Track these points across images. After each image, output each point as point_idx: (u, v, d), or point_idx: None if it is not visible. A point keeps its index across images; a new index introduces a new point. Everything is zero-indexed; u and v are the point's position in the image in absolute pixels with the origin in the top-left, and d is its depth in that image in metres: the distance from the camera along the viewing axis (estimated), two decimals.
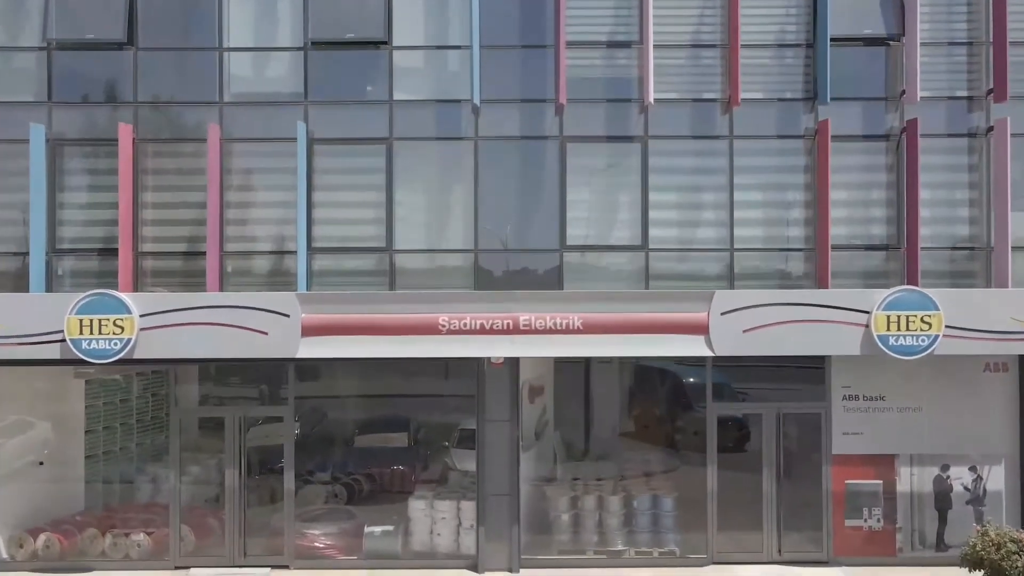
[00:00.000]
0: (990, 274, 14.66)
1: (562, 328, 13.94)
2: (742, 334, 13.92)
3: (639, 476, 15.45)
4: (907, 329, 13.75)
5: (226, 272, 14.75)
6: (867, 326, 13.82)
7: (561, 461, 15.67)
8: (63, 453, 15.64)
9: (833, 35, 14.49)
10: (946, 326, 13.75)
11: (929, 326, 13.74)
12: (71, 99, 14.91)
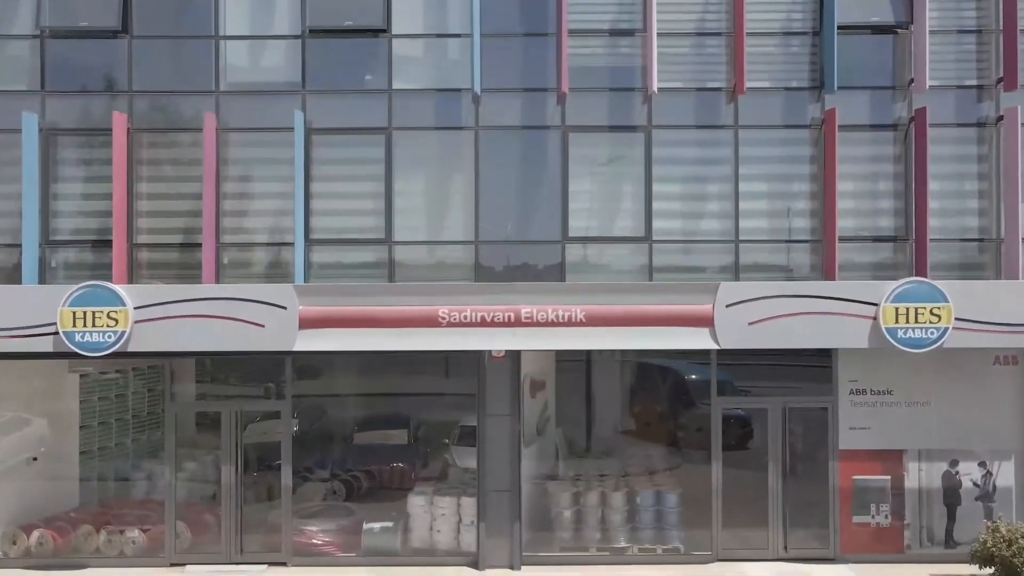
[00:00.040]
0: (1000, 266, 14.44)
1: (564, 321, 13.71)
2: (747, 327, 13.69)
3: (642, 473, 15.23)
4: (916, 321, 13.52)
5: (222, 264, 14.55)
6: (875, 318, 13.59)
7: (563, 458, 15.45)
8: (58, 449, 15.45)
9: (840, 23, 14.27)
10: (955, 318, 13.52)
11: (938, 318, 13.51)
12: (65, 88, 14.69)
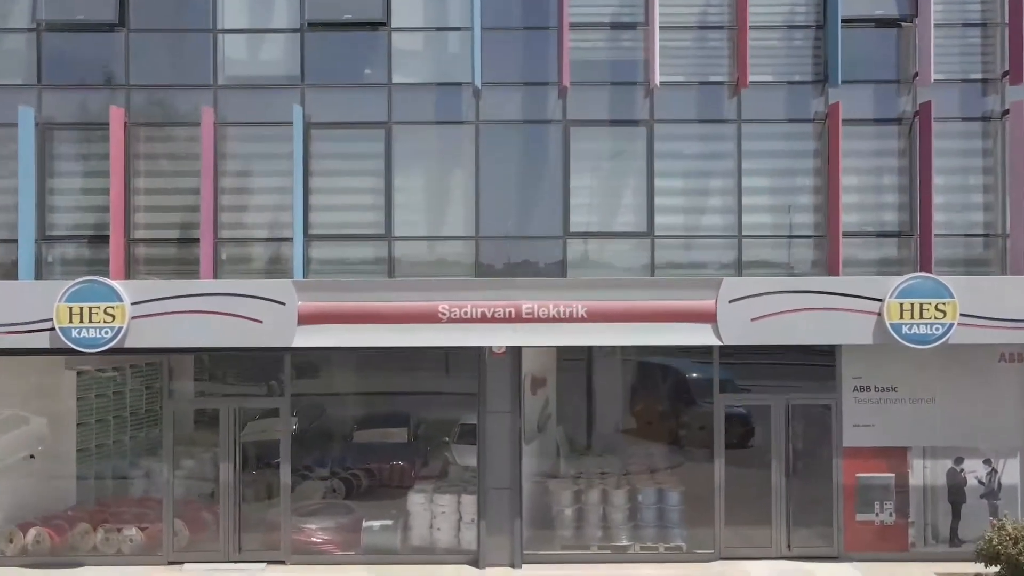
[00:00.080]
0: (1005, 261, 14.32)
1: (565, 316, 13.58)
2: (750, 323, 13.56)
3: (643, 472, 15.11)
4: (921, 317, 13.39)
5: (220, 260, 14.43)
6: (879, 314, 13.46)
7: (564, 456, 15.31)
8: (55, 447, 15.30)
9: (844, 16, 14.16)
10: (961, 314, 13.39)
11: (944, 314, 13.38)
12: (61, 82, 14.58)
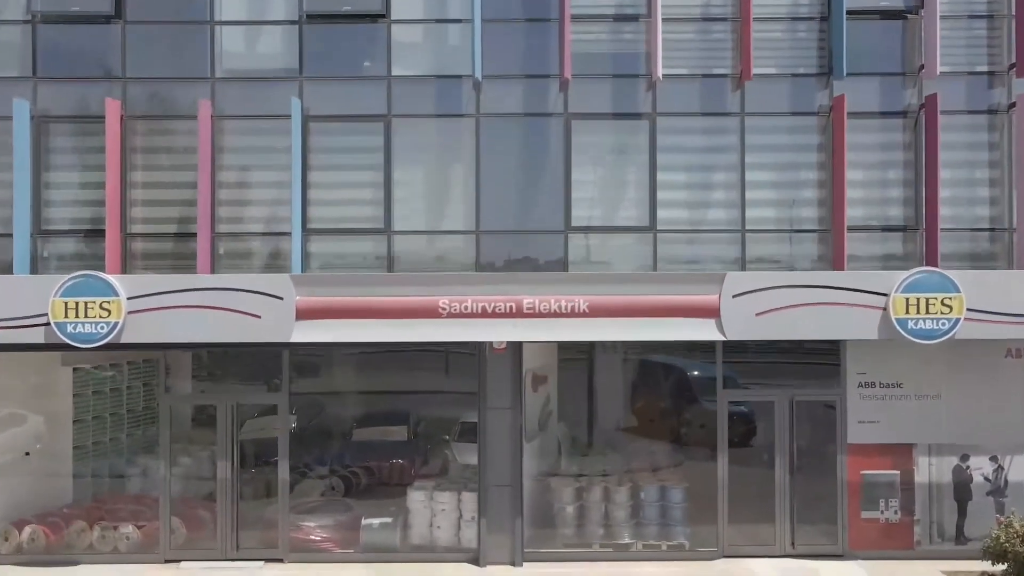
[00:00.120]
0: (1012, 256, 14.17)
1: (567, 311, 13.42)
2: (754, 317, 13.41)
3: (645, 470, 14.97)
4: (927, 312, 13.24)
5: (218, 254, 14.27)
6: (885, 309, 13.31)
7: (565, 454, 15.18)
8: (51, 445, 15.18)
9: (849, 8, 14.00)
10: (967, 309, 13.24)
11: (950, 309, 13.23)
12: (57, 74, 14.40)
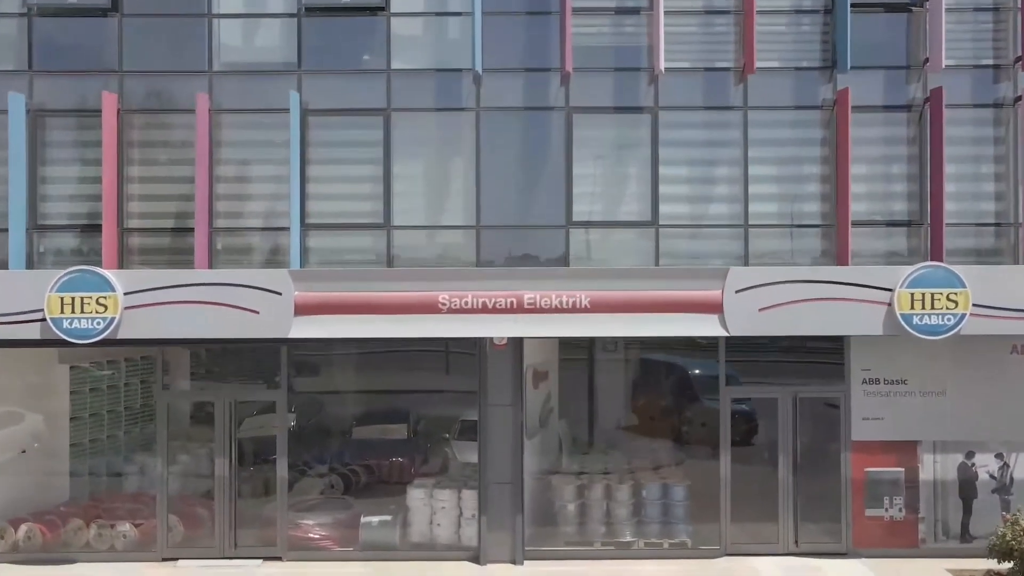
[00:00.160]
0: (1017, 251, 14.06)
1: (568, 307, 13.28)
2: (758, 313, 13.26)
3: (647, 470, 14.85)
4: (932, 308, 13.10)
5: (215, 249, 14.15)
6: (890, 304, 13.17)
7: (566, 452, 15.06)
8: (48, 442, 15.08)
9: (853, 0, 13.85)
10: (973, 304, 13.10)
11: (955, 304, 13.09)
12: (53, 68, 14.28)
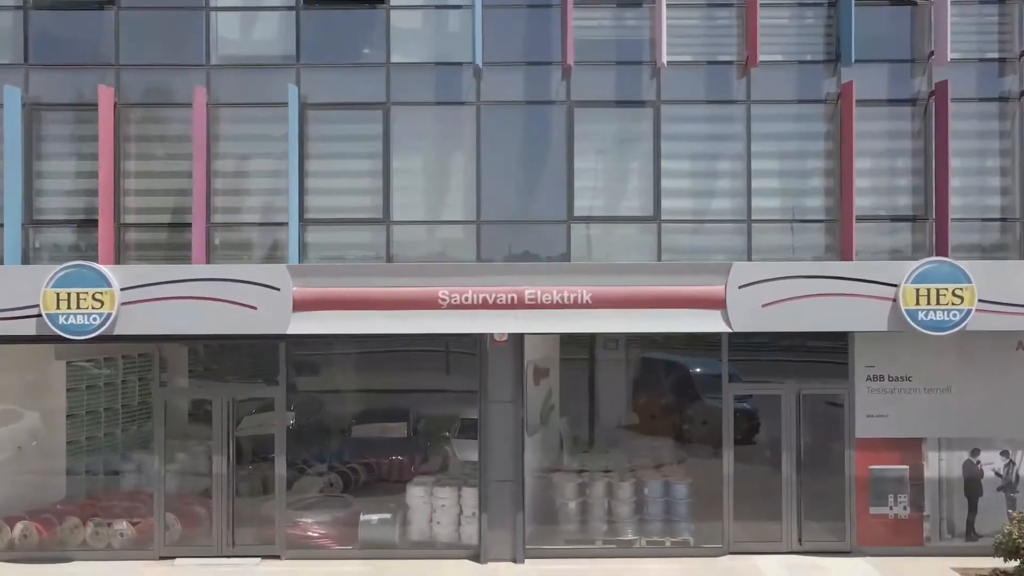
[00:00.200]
0: (1023, 246, 13.90)
1: (570, 303, 13.16)
2: (761, 309, 13.14)
3: (648, 468, 14.73)
4: (937, 303, 12.96)
5: (213, 245, 14.02)
6: (895, 300, 13.04)
7: (567, 449, 14.94)
8: (45, 440, 14.97)
9: None
10: (979, 300, 12.97)
11: (961, 300, 12.95)
12: (49, 61, 14.14)
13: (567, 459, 14.84)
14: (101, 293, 13.02)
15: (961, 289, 12.97)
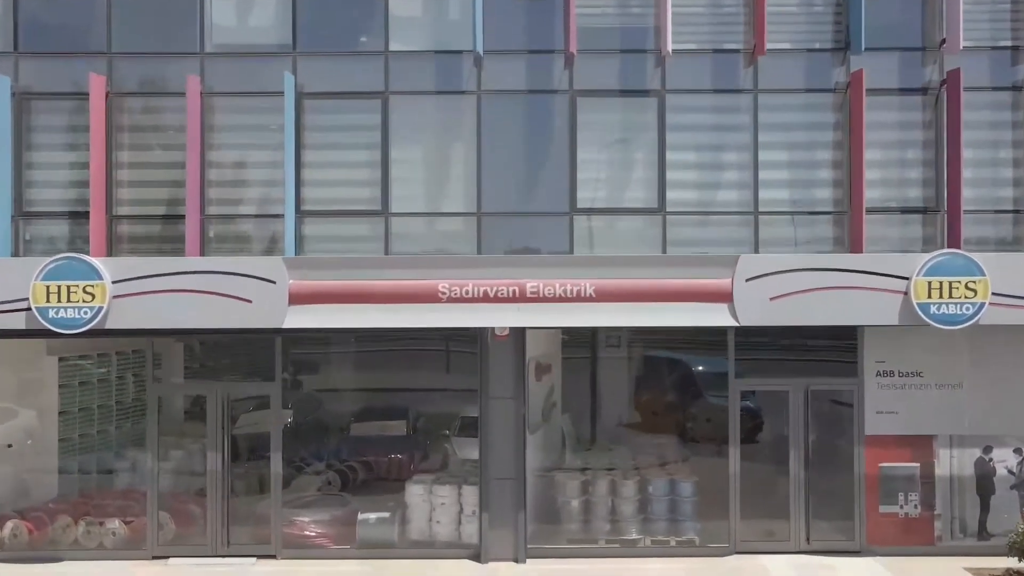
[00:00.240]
0: None
1: (573, 296, 12.90)
2: (769, 302, 12.89)
3: (652, 466, 14.52)
4: (950, 296, 12.70)
5: (207, 237, 13.80)
6: (906, 293, 12.78)
7: (570, 447, 14.72)
8: (36, 437, 14.76)
9: None
10: (992, 293, 12.72)
11: (974, 293, 12.69)
12: (39, 49, 13.92)
13: (569, 457, 14.64)
14: (92, 286, 12.77)
15: (974, 282, 12.70)
